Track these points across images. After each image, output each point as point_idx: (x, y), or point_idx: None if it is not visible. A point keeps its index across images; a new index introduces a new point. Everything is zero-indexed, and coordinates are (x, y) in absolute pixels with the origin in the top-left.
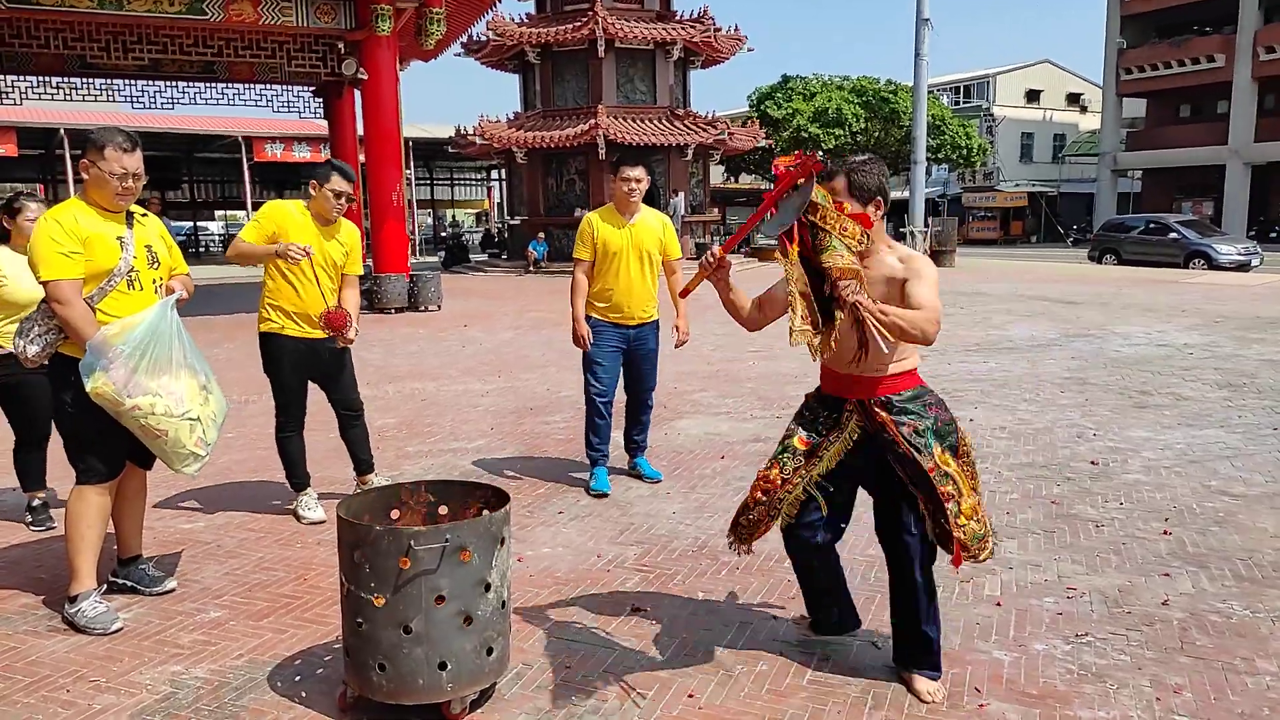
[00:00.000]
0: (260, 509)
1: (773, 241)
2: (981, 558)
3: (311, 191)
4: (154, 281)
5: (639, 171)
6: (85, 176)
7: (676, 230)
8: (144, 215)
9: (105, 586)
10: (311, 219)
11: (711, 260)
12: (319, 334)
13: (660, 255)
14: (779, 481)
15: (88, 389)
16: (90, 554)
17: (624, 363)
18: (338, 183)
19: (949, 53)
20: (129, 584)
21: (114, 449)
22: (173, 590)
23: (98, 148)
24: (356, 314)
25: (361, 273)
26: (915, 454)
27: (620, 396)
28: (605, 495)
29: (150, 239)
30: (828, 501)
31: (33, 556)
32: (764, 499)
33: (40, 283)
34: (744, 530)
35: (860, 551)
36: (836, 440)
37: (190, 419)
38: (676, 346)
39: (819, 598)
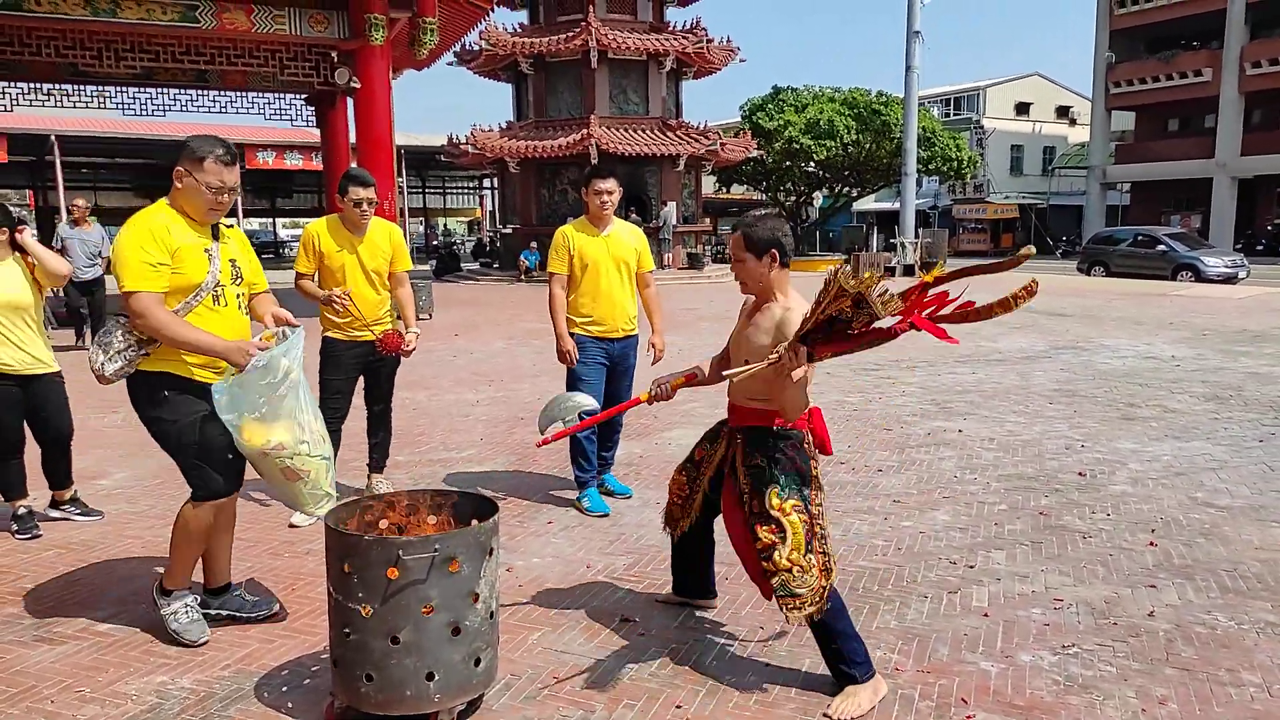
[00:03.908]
0: (249, 519)
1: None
2: (787, 614)
3: (340, 207)
4: (237, 297)
5: (610, 183)
6: (178, 185)
7: (667, 240)
8: (229, 227)
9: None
10: (345, 230)
11: (663, 393)
12: (368, 336)
13: (636, 267)
14: (685, 488)
15: (235, 433)
16: (190, 565)
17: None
18: (356, 192)
19: (940, 65)
20: (225, 612)
21: (222, 461)
22: (276, 614)
23: (197, 159)
24: (411, 311)
25: (410, 268)
26: (746, 490)
27: None
28: (607, 515)
29: (234, 253)
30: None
31: (19, 565)
32: (679, 501)
33: (122, 292)
34: (672, 524)
35: (849, 563)
36: (715, 453)
37: (325, 458)
38: (653, 364)
39: (686, 567)
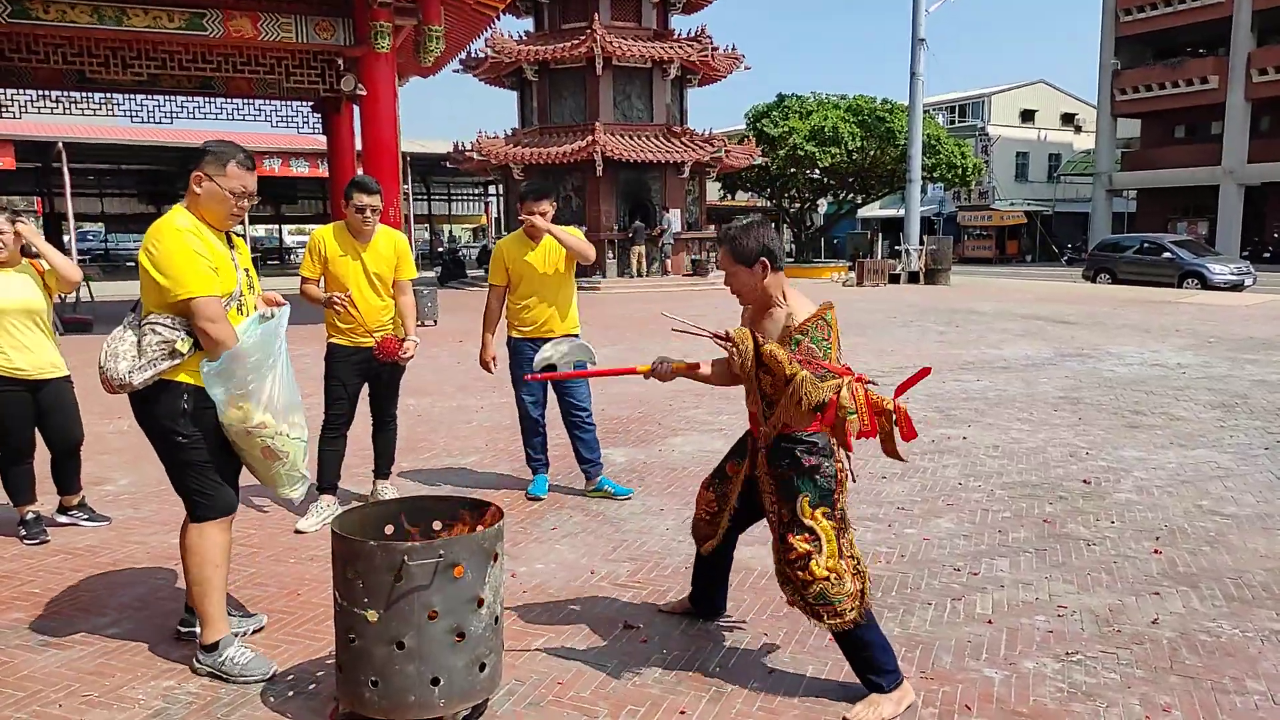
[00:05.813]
0: (254, 524)
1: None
2: (829, 624)
3: (345, 213)
4: (255, 307)
5: (543, 205)
6: (197, 190)
7: (669, 245)
8: (239, 236)
9: (178, 634)
10: (350, 236)
11: (663, 371)
12: (371, 341)
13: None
14: (714, 504)
15: (222, 407)
16: (220, 597)
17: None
18: (360, 198)
19: (944, 72)
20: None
21: (229, 478)
22: (262, 629)
23: (220, 163)
24: (413, 319)
25: (414, 276)
26: (773, 498)
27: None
28: (540, 499)
29: (246, 262)
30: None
31: (25, 570)
32: (706, 518)
33: (182, 300)
34: (700, 540)
35: None
36: (743, 468)
37: (303, 442)
38: None
39: (707, 581)
